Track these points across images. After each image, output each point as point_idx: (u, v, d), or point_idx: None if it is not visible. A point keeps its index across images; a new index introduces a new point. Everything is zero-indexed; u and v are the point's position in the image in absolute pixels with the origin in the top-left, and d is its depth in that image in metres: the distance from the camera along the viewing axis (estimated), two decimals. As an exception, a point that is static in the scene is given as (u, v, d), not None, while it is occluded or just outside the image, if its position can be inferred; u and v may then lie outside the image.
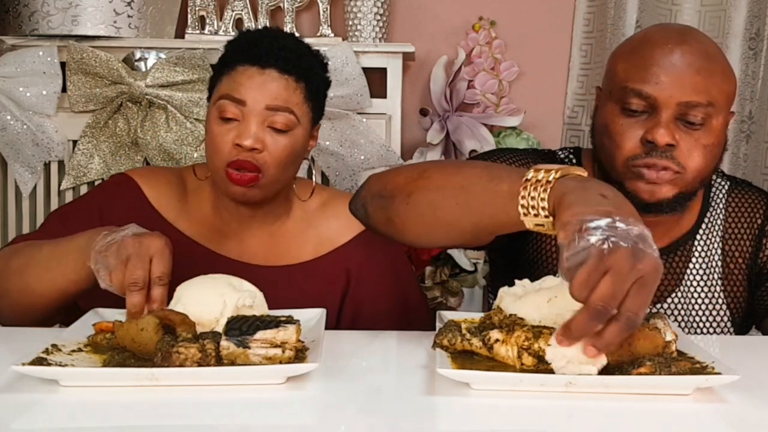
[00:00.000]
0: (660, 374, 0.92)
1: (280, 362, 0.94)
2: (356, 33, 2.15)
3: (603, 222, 0.90)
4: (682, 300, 1.39)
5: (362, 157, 2.09)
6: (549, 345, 0.93)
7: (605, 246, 0.88)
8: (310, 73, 1.41)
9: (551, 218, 0.97)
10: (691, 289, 1.39)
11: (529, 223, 1.00)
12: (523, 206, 0.99)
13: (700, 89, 1.26)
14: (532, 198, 0.99)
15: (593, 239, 0.89)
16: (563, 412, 0.89)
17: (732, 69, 1.34)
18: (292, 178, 1.45)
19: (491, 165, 1.14)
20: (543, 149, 1.52)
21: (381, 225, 1.22)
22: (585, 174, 1.01)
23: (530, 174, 1.00)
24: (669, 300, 1.39)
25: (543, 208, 0.98)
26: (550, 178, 0.98)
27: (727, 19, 2.14)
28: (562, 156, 1.45)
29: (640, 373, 0.92)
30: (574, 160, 1.45)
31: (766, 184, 2.10)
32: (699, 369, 0.95)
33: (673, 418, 0.89)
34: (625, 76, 1.29)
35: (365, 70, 2.08)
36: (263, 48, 1.38)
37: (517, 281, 1.07)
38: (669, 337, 0.97)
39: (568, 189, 0.96)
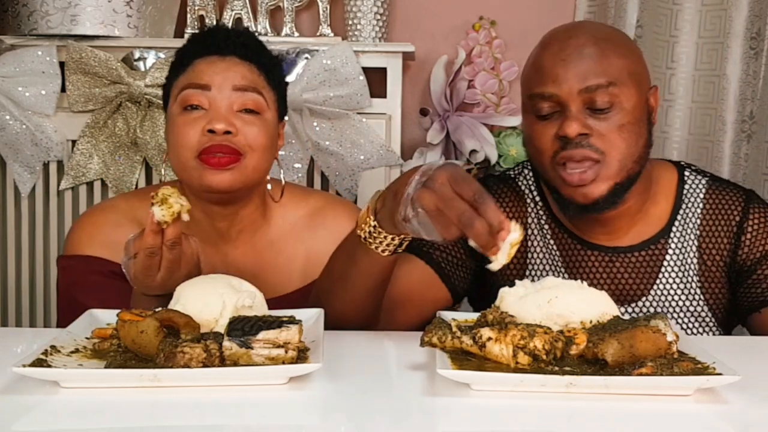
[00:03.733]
0: (662, 375, 0.92)
1: (283, 362, 0.94)
2: (356, 33, 2.15)
3: (396, 200, 1.07)
4: (657, 299, 1.39)
5: (362, 157, 2.08)
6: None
7: (415, 202, 1.02)
8: (270, 65, 1.37)
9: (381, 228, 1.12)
10: (667, 286, 1.39)
11: (376, 245, 1.13)
12: (364, 239, 1.13)
13: (597, 72, 1.29)
14: (362, 229, 1.13)
15: (407, 211, 1.04)
16: (564, 412, 0.89)
17: (634, 45, 1.38)
18: (265, 171, 1.36)
19: (342, 250, 1.23)
20: (495, 173, 1.55)
21: None
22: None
23: (360, 233, 1.14)
24: (644, 298, 1.39)
25: (370, 225, 1.12)
26: (371, 222, 1.12)
27: (727, 19, 2.14)
28: (512, 174, 1.49)
29: (642, 374, 0.92)
30: (526, 172, 1.47)
31: (767, 185, 2.09)
32: (700, 369, 0.95)
33: (674, 418, 0.89)
34: (529, 85, 1.35)
35: (365, 69, 2.08)
36: (221, 37, 1.34)
37: (517, 281, 1.08)
38: (670, 337, 0.97)
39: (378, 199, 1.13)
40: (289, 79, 2.03)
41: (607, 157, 1.29)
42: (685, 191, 1.42)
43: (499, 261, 1.00)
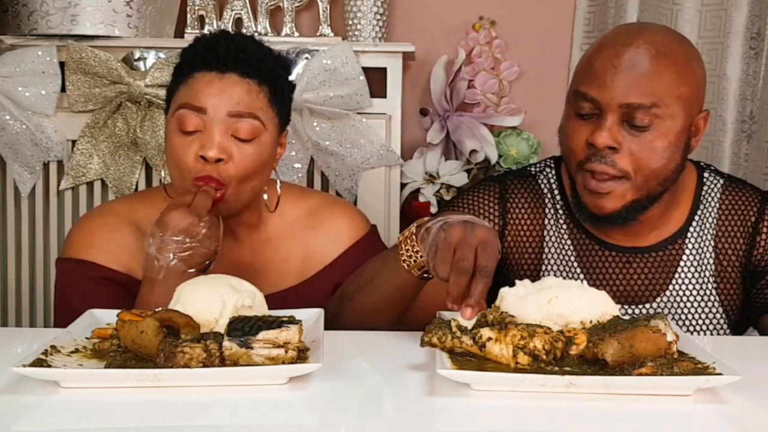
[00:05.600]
0: (662, 375, 0.92)
1: (283, 362, 0.94)
2: (356, 33, 2.15)
3: (436, 221, 1.13)
4: (672, 299, 1.39)
5: (362, 157, 2.08)
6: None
7: (442, 230, 1.08)
8: (273, 76, 1.34)
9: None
10: (683, 287, 1.39)
11: (415, 272, 1.17)
12: (403, 261, 1.17)
13: (643, 91, 1.26)
14: (407, 251, 1.16)
15: (433, 230, 1.11)
16: (564, 412, 0.89)
17: (696, 64, 1.32)
18: (259, 190, 1.37)
19: (383, 252, 1.29)
20: (516, 169, 1.54)
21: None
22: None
23: (399, 237, 1.18)
24: (659, 298, 1.39)
25: (416, 252, 1.16)
26: (413, 229, 1.16)
27: (728, 19, 2.14)
28: (533, 171, 1.49)
29: (642, 374, 0.92)
30: (548, 170, 1.47)
31: (767, 185, 2.09)
32: (700, 369, 0.95)
33: (674, 418, 0.89)
34: (577, 80, 1.33)
35: (365, 69, 2.07)
36: (221, 52, 1.30)
37: (518, 281, 1.08)
38: (670, 337, 0.97)
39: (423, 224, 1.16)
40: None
41: (630, 176, 1.28)
42: (703, 192, 1.42)
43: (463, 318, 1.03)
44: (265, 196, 1.41)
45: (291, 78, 1.42)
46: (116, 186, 2.11)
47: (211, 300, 1.04)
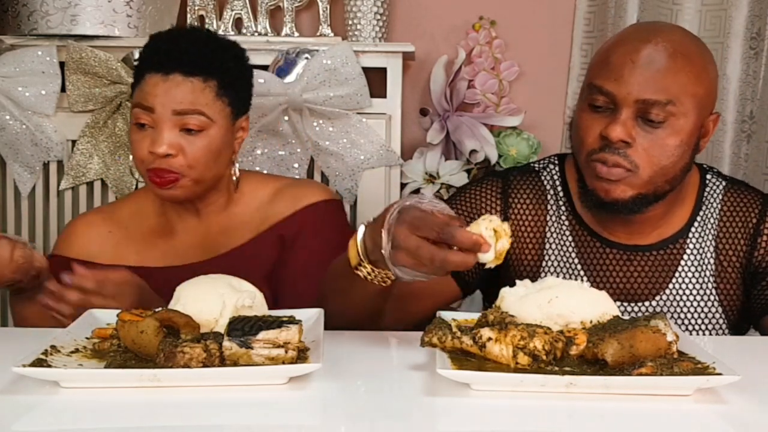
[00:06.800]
0: (662, 375, 0.92)
1: (283, 362, 0.94)
2: (356, 33, 2.15)
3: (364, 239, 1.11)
4: (672, 298, 1.39)
5: (362, 157, 2.08)
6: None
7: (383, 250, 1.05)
8: (221, 69, 1.43)
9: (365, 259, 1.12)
10: (683, 286, 1.40)
11: (378, 281, 1.14)
12: (365, 277, 1.13)
13: (659, 87, 1.27)
14: (360, 271, 1.13)
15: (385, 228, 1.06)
16: (564, 412, 0.89)
17: (711, 66, 1.34)
18: (222, 174, 1.47)
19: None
20: (519, 165, 1.54)
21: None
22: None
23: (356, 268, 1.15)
24: (658, 297, 1.39)
25: (366, 269, 1.13)
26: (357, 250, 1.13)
27: (728, 19, 2.14)
28: (537, 167, 1.49)
29: (642, 374, 0.92)
30: (551, 167, 1.48)
31: (767, 185, 2.09)
32: (700, 369, 0.95)
33: (674, 418, 0.89)
34: (592, 73, 1.33)
35: (365, 69, 2.07)
36: (164, 54, 1.41)
37: (518, 281, 1.08)
38: (670, 337, 0.97)
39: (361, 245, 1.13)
40: (289, 79, 2.03)
41: (640, 170, 1.29)
42: (705, 194, 1.43)
43: (489, 262, 1.02)
44: (235, 178, 1.51)
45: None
46: (116, 186, 2.11)
47: (211, 300, 1.04)
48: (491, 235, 1.01)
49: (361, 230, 1.13)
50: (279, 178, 1.64)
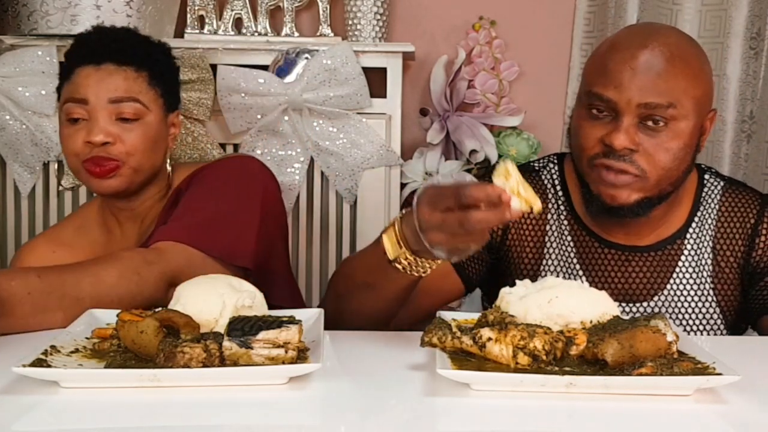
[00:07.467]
0: (662, 375, 0.92)
1: (283, 362, 0.94)
2: (356, 33, 2.15)
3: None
4: (670, 298, 1.40)
5: (362, 157, 2.08)
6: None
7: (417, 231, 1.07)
8: (151, 60, 1.44)
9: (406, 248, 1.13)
10: (680, 287, 1.40)
11: (418, 272, 1.15)
12: (404, 269, 1.15)
13: (660, 90, 1.27)
14: (400, 263, 1.14)
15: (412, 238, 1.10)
16: (563, 412, 0.89)
17: (707, 67, 1.34)
18: (158, 167, 1.47)
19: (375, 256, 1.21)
20: (520, 164, 1.54)
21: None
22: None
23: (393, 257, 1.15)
24: (656, 298, 1.40)
25: (408, 258, 1.14)
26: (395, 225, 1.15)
27: (728, 19, 2.14)
28: (537, 167, 1.49)
29: (642, 374, 0.92)
30: (551, 166, 1.48)
31: (767, 185, 2.09)
32: (700, 369, 0.95)
33: (674, 418, 0.89)
34: (590, 81, 1.33)
35: (365, 69, 2.08)
36: (94, 45, 1.41)
37: (518, 281, 1.08)
38: (670, 337, 0.97)
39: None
40: (289, 79, 2.04)
41: (648, 176, 1.29)
42: (703, 194, 1.43)
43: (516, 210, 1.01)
44: (169, 170, 1.51)
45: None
46: (116, 186, 2.11)
47: (211, 300, 1.04)
48: (504, 182, 1.01)
49: (396, 224, 1.15)
50: (209, 162, 1.61)
